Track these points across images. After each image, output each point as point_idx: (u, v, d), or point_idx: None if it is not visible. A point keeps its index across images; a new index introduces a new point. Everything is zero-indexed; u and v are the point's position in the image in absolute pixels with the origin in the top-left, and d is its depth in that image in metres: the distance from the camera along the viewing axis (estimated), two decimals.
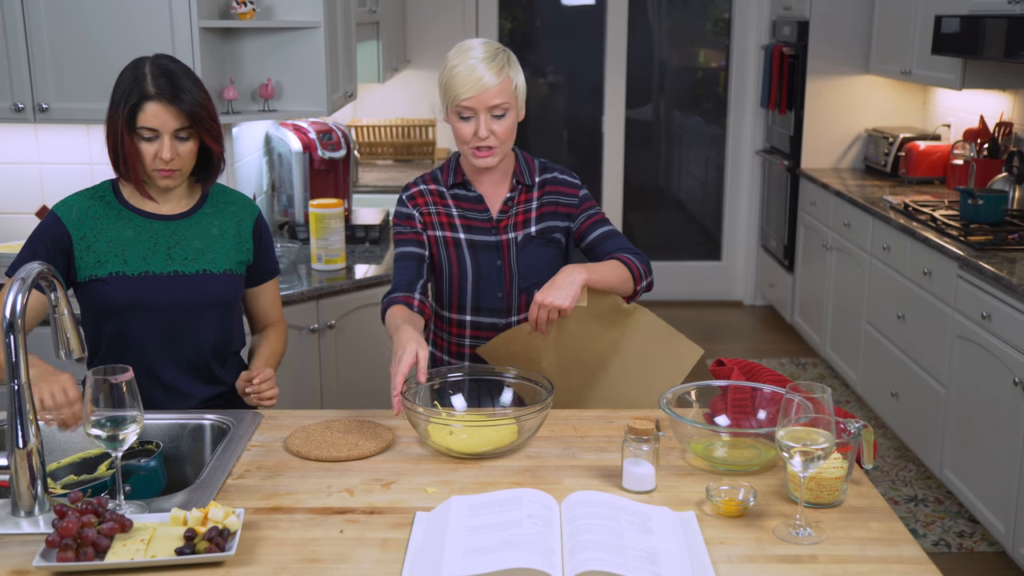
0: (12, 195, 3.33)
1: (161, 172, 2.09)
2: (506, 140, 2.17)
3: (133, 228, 2.15)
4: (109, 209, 2.16)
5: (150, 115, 2.04)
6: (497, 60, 2.13)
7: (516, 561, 1.43)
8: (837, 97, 5.55)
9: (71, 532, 1.47)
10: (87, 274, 2.12)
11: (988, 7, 3.92)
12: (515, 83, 2.17)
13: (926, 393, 3.89)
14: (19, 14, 2.97)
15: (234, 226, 2.24)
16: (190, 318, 2.17)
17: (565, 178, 2.31)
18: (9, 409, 1.62)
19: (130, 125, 2.05)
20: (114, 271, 2.12)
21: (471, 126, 2.14)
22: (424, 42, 6.10)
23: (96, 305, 2.15)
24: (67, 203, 2.16)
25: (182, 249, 2.17)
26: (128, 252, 2.14)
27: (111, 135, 2.08)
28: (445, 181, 2.28)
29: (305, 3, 3.29)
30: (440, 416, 1.92)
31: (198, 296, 2.17)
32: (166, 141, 2.06)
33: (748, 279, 6.50)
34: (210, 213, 2.23)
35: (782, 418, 1.58)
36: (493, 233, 2.26)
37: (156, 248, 2.15)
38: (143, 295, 2.13)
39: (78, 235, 2.12)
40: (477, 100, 2.12)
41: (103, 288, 2.12)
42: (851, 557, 1.54)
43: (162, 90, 2.04)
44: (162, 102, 2.04)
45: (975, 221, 3.93)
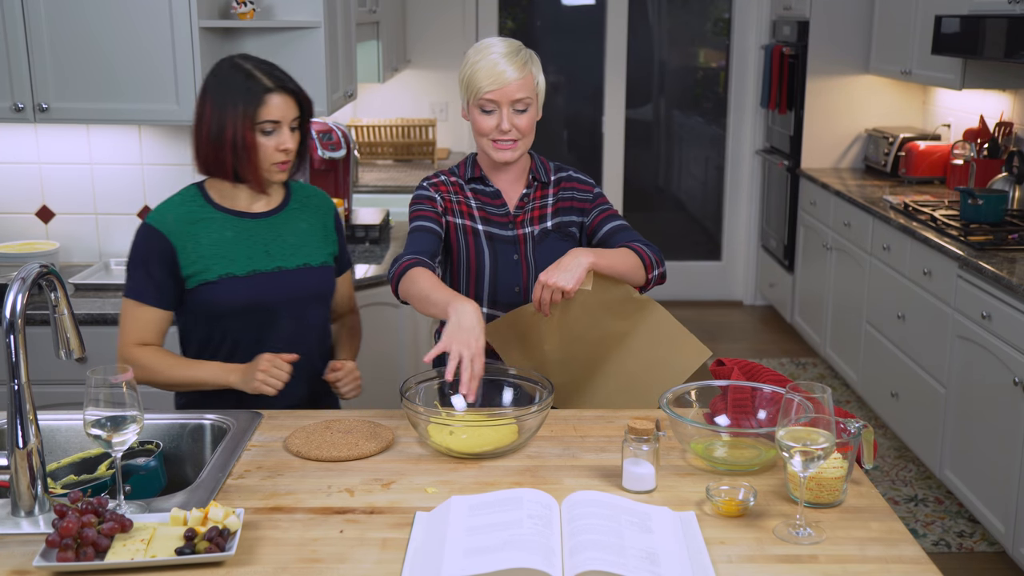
0: (12, 195, 3.33)
1: (279, 166, 2.12)
2: (527, 134, 2.19)
3: (232, 229, 2.16)
4: (204, 212, 2.16)
5: (273, 107, 2.07)
6: (520, 56, 2.16)
7: (516, 561, 1.43)
8: (837, 97, 5.55)
9: (71, 532, 1.47)
10: (196, 280, 2.13)
11: (988, 7, 3.92)
12: (537, 80, 2.19)
13: (926, 393, 3.89)
14: (19, 14, 2.97)
15: (319, 220, 2.28)
16: (298, 313, 2.20)
17: (580, 176, 2.33)
18: (9, 409, 1.62)
19: (252, 120, 2.05)
20: (223, 273, 2.13)
21: (493, 119, 2.16)
22: (424, 42, 6.10)
23: (209, 310, 2.15)
24: (160, 213, 2.15)
25: (279, 245, 2.19)
26: (233, 253, 2.15)
27: (225, 136, 2.07)
28: (463, 175, 2.29)
29: (305, 3, 3.29)
30: (440, 416, 1.92)
31: (303, 290, 2.20)
32: (286, 131, 2.09)
33: (748, 279, 6.50)
34: (296, 208, 2.26)
35: (782, 418, 1.58)
36: (510, 227, 2.26)
37: (256, 246, 2.17)
38: (254, 294, 2.15)
39: (180, 243, 2.12)
40: (500, 93, 2.13)
41: (215, 291, 2.13)
42: (851, 557, 1.54)
43: (277, 82, 2.08)
44: (280, 93, 2.07)
45: (975, 221, 3.93)
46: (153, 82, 3.03)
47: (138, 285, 2.12)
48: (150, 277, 2.11)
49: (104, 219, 3.35)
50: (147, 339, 2.15)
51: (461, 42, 6.13)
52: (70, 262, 3.35)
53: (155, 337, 2.16)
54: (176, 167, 3.32)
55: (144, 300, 2.12)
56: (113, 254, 3.37)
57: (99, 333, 2.81)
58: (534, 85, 2.18)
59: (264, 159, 2.10)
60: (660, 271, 2.22)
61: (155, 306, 2.13)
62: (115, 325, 2.84)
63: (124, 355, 2.14)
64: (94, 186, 3.32)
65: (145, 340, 2.14)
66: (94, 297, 3.01)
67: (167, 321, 2.16)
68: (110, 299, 2.99)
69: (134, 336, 2.14)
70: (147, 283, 2.12)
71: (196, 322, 2.18)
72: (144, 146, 3.31)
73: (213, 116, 2.08)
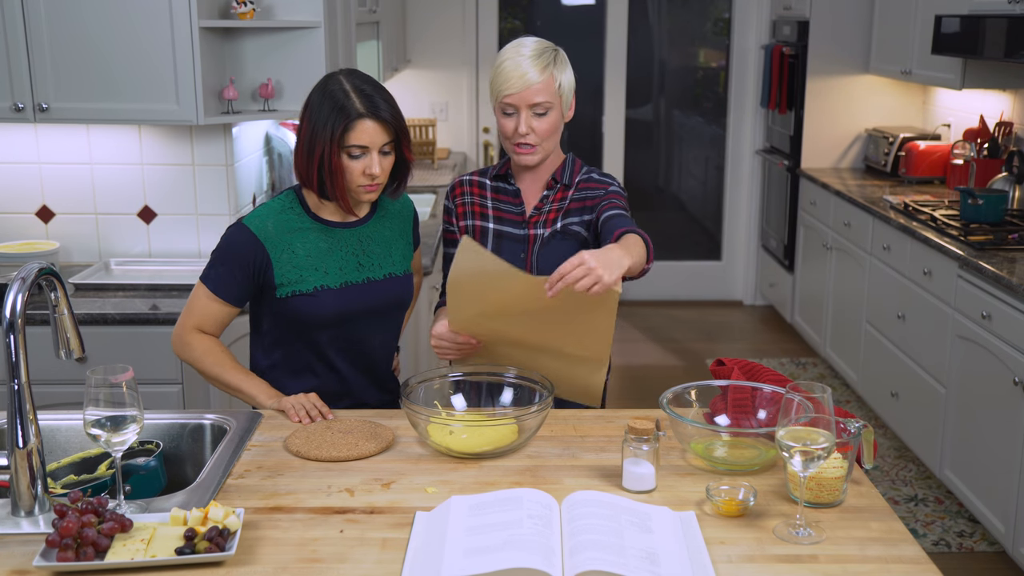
0: (12, 195, 3.32)
1: (366, 188, 2.11)
2: (547, 138, 2.17)
3: (325, 239, 2.17)
4: (302, 222, 2.17)
5: (361, 132, 2.06)
6: (542, 58, 2.13)
7: (516, 561, 1.43)
8: (837, 97, 5.55)
9: (71, 532, 1.47)
10: (289, 290, 2.13)
11: (988, 7, 3.92)
12: (559, 82, 2.16)
13: (926, 393, 3.89)
14: (19, 14, 2.97)
15: (400, 226, 2.30)
16: (381, 322, 2.22)
17: (597, 176, 2.27)
18: (9, 409, 1.62)
19: (340, 143, 2.06)
20: (318, 284, 2.14)
21: (513, 122, 2.15)
22: (424, 42, 6.10)
23: (300, 319, 2.15)
24: (260, 218, 2.15)
25: (368, 256, 2.21)
26: (327, 264, 2.16)
27: (315, 154, 2.07)
28: (489, 174, 2.30)
29: (305, 3, 3.30)
30: (440, 416, 1.92)
31: (390, 300, 2.23)
32: (375, 157, 2.08)
33: (748, 279, 6.50)
34: (382, 216, 2.27)
35: (782, 418, 1.58)
36: (522, 227, 2.25)
37: (347, 257, 2.18)
38: (346, 305, 2.16)
39: (276, 252, 2.13)
40: (519, 97, 2.12)
41: (309, 302, 2.13)
42: (851, 557, 1.54)
43: (370, 108, 2.06)
44: (371, 119, 2.06)
45: (975, 221, 3.93)
46: (153, 82, 3.03)
47: (218, 276, 2.14)
48: (232, 274, 2.13)
49: (104, 219, 3.35)
50: (208, 328, 2.18)
51: (461, 42, 6.13)
52: (70, 262, 3.35)
53: (216, 328, 2.19)
54: (176, 167, 3.32)
55: (218, 292, 2.14)
56: (113, 254, 3.37)
57: (99, 333, 2.82)
58: (555, 89, 2.15)
59: (350, 180, 2.10)
60: (650, 265, 2.13)
61: (226, 301, 2.15)
62: (115, 325, 2.84)
63: (182, 335, 2.18)
64: (94, 186, 3.32)
65: (205, 328, 2.18)
66: (94, 297, 3.01)
67: (231, 317, 2.19)
68: (110, 299, 2.99)
69: (197, 321, 2.17)
70: (228, 279, 2.13)
71: (281, 327, 2.19)
72: (144, 146, 3.31)
73: (308, 132, 2.09)
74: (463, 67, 6.16)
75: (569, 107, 2.21)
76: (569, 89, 2.19)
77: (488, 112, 6.26)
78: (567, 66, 2.19)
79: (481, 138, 6.30)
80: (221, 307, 2.16)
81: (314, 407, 2.06)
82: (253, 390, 2.14)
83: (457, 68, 6.16)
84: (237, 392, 2.16)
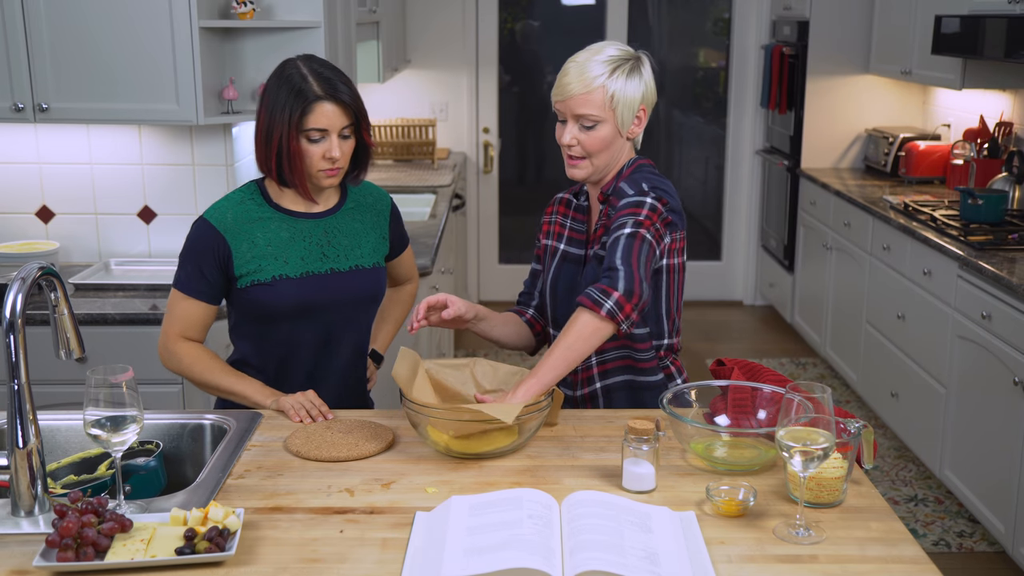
0: (12, 195, 3.33)
1: (327, 172, 2.10)
2: (595, 153, 2.04)
3: (288, 229, 2.15)
4: (262, 211, 2.15)
5: (320, 115, 2.05)
6: (598, 67, 2.00)
7: (516, 561, 1.43)
8: (837, 97, 5.55)
9: (71, 532, 1.47)
10: (249, 280, 2.12)
11: (988, 7, 3.92)
12: (612, 94, 2.01)
13: (926, 393, 3.89)
14: (19, 14, 2.97)
15: (373, 219, 2.27)
16: (348, 316, 2.20)
17: (623, 187, 2.07)
18: (9, 409, 1.62)
19: (298, 127, 2.05)
20: (277, 274, 2.12)
21: (562, 129, 2.06)
22: (424, 42, 6.10)
23: (260, 310, 2.14)
24: (219, 209, 2.14)
25: (333, 247, 2.18)
26: (287, 254, 2.14)
27: (273, 140, 2.06)
28: (577, 190, 2.23)
29: (305, 3, 3.29)
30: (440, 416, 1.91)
31: (355, 292, 2.19)
32: (334, 140, 2.07)
33: (748, 279, 6.50)
34: (352, 208, 2.24)
35: (782, 418, 1.58)
36: (583, 246, 2.17)
37: (311, 247, 2.16)
38: (307, 296, 2.13)
39: (236, 242, 2.11)
40: (564, 105, 2.03)
41: (267, 292, 2.12)
42: (851, 557, 1.54)
43: (328, 90, 2.05)
44: (330, 101, 2.05)
45: (975, 221, 3.93)
46: (153, 82, 3.03)
47: (188, 278, 2.12)
48: (200, 272, 2.11)
49: (104, 219, 3.35)
50: (191, 333, 2.15)
51: (461, 42, 6.13)
52: (70, 262, 3.35)
53: (199, 331, 2.16)
54: (176, 167, 3.32)
55: (192, 294, 2.12)
56: (113, 254, 3.37)
57: (99, 333, 2.82)
58: (605, 102, 2.00)
59: (310, 165, 2.09)
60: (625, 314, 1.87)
61: (202, 300, 2.13)
62: (115, 325, 2.84)
63: (167, 345, 2.15)
64: (94, 186, 3.32)
65: (189, 333, 2.15)
66: (94, 297, 3.01)
67: (212, 316, 2.16)
68: (110, 299, 2.99)
69: (179, 328, 2.14)
70: (198, 278, 2.12)
71: (247, 321, 2.18)
72: (144, 146, 3.31)
73: (265, 117, 2.08)
74: (463, 67, 6.16)
75: (632, 122, 2.06)
76: (628, 104, 2.03)
77: (488, 112, 6.26)
78: (634, 78, 2.03)
79: (481, 138, 6.30)
80: (198, 308, 2.13)
81: (314, 407, 2.05)
82: (247, 390, 2.12)
83: (457, 68, 6.16)
84: (231, 395, 2.14)
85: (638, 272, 1.90)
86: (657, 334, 2.13)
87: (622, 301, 1.86)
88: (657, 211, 2.00)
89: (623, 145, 2.10)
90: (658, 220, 2.00)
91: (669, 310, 2.13)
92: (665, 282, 2.09)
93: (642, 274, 1.90)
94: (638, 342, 2.11)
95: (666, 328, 2.14)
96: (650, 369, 2.14)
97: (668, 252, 2.07)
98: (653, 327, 2.12)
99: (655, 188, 2.04)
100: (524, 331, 2.28)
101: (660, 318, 2.13)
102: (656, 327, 2.13)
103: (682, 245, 2.11)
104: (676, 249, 2.09)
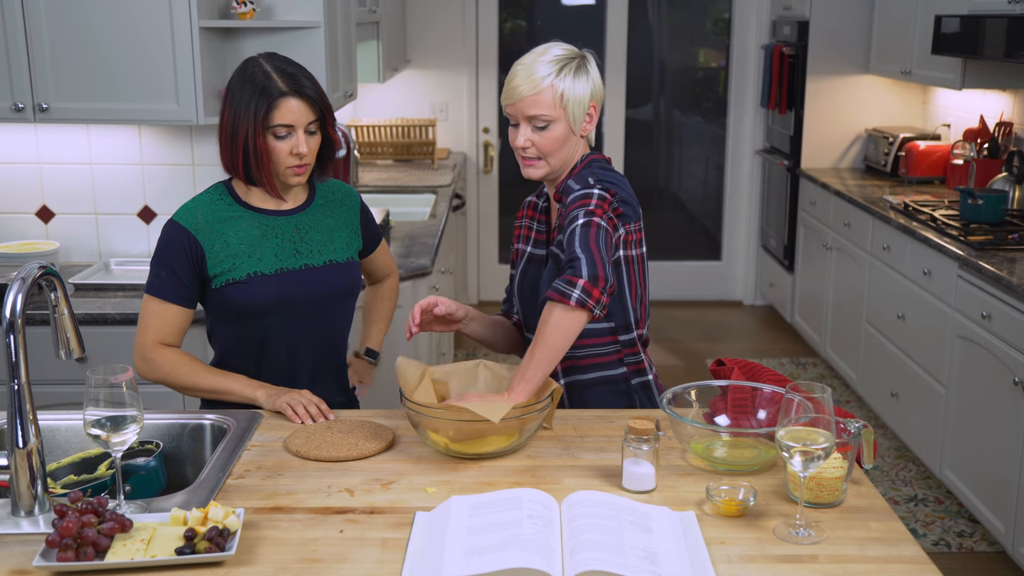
0: (12, 195, 3.33)
1: (295, 169, 2.10)
2: (550, 153, 2.05)
3: (259, 226, 2.14)
4: (232, 211, 2.14)
5: (285, 111, 2.05)
6: (545, 68, 2.02)
7: (516, 561, 1.43)
8: (837, 97, 5.55)
9: (71, 532, 1.47)
10: (223, 279, 2.10)
11: (988, 7, 3.92)
12: (562, 93, 2.02)
13: (926, 393, 3.89)
14: (19, 14, 2.97)
15: (344, 215, 2.26)
16: (325, 311, 2.19)
17: (570, 183, 2.06)
18: (9, 409, 1.62)
19: (264, 124, 2.04)
20: (251, 271, 2.11)
21: (515, 132, 2.07)
22: (424, 42, 6.10)
23: (236, 309, 2.12)
24: (188, 211, 2.13)
25: (306, 243, 2.18)
26: (260, 251, 2.13)
27: (239, 138, 2.06)
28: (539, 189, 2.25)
29: (305, 3, 3.29)
30: (440, 416, 1.91)
31: (331, 287, 2.19)
32: (301, 136, 2.07)
33: (748, 279, 6.50)
34: (322, 204, 2.24)
35: (782, 418, 1.58)
36: (544, 246, 2.19)
37: (284, 244, 2.15)
38: (283, 292, 2.13)
39: (208, 242, 2.10)
40: (515, 108, 2.04)
41: (243, 290, 2.10)
42: (851, 557, 1.54)
43: (292, 86, 2.05)
44: (295, 97, 2.05)
45: (975, 221, 3.93)
46: (153, 82, 3.03)
47: (162, 283, 2.10)
48: (175, 275, 2.09)
49: (104, 219, 3.35)
50: (168, 338, 2.12)
51: (461, 42, 6.13)
52: (70, 262, 3.35)
53: (176, 336, 2.13)
54: (176, 167, 3.32)
55: (167, 298, 2.10)
56: (113, 254, 3.37)
57: (99, 333, 2.82)
58: (555, 101, 2.01)
59: (277, 163, 2.08)
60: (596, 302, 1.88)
61: (179, 304, 2.11)
62: (115, 325, 2.84)
63: (144, 354, 2.11)
64: (94, 186, 3.32)
65: (166, 339, 2.12)
66: (94, 297, 3.01)
67: (188, 320, 2.14)
68: (110, 299, 2.99)
69: (155, 335, 2.11)
70: (172, 281, 2.09)
71: (223, 321, 2.17)
72: (144, 146, 3.31)
73: (230, 116, 2.07)
74: (463, 67, 6.16)
75: (583, 120, 2.06)
76: (579, 102, 2.04)
77: (488, 112, 6.26)
78: (582, 76, 2.04)
79: (481, 138, 6.30)
80: (175, 312, 2.11)
81: (315, 406, 2.04)
82: (234, 386, 2.10)
83: (457, 68, 6.16)
84: (217, 394, 2.12)
85: (599, 256, 1.90)
86: (624, 327, 2.14)
87: (588, 287, 1.86)
88: (606, 200, 2.00)
89: (577, 143, 2.10)
90: (609, 209, 2.00)
91: (632, 303, 2.13)
92: (626, 274, 2.10)
93: (604, 257, 1.90)
94: (598, 336, 2.12)
95: (631, 320, 2.14)
96: (612, 363, 2.15)
97: (624, 244, 2.07)
98: (618, 320, 2.13)
99: (601, 180, 2.04)
100: (513, 334, 2.30)
101: (625, 311, 2.13)
102: (620, 320, 2.13)
103: (639, 237, 2.11)
104: (633, 241, 2.09)
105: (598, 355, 2.14)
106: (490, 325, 2.25)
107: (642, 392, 2.18)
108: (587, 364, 2.14)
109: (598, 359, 2.14)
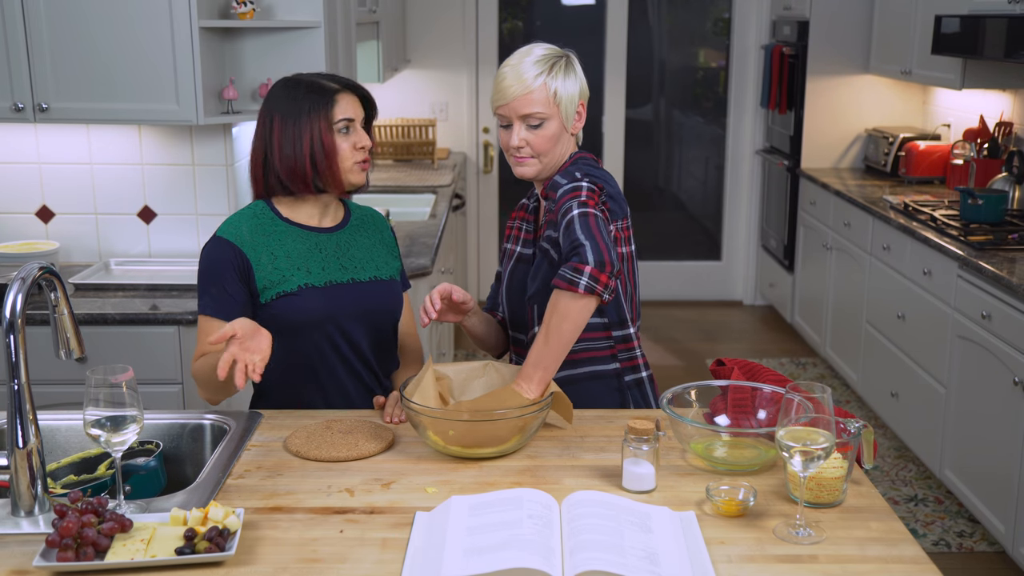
0: (12, 195, 3.33)
1: (361, 164, 2.12)
2: (544, 151, 2.07)
3: (304, 241, 2.14)
4: (276, 225, 2.13)
5: (346, 105, 2.08)
6: (535, 67, 2.04)
7: (516, 561, 1.43)
8: (837, 97, 5.55)
9: (71, 532, 1.47)
10: (273, 292, 2.08)
11: (988, 7, 3.92)
12: (554, 91, 2.04)
13: (926, 393, 3.89)
14: (19, 14, 2.97)
15: (378, 236, 2.27)
16: (372, 325, 2.17)
17: (557, 179, 2.05)
18: (9, 409, 1.62)
19: (328, 120, 2.06)
20: (302, 283, 2.10)
21: (507, 133, 2.08)
22: (424, 42, 6.10)
23: (285, 323, 2.08)
24: (232, 225, 2.11)
25: (350, 259, 2.17)
26: (309, 264, 2.12)
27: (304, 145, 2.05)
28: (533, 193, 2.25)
29: (305, 3, 3.30)
30: (440, 416, 1.91)
31: (376, 302, 2.18)
32: (360, 129, 2.10)
33: (748, 279, 6.50)
34: (357, 225, 2.24)
35: (782, 418, 1.58)
36: (532, 245, 2.20)
37: (329, 259, 2.15)
38: (333, 304, 2.11)
39: (255, 255, 2.08)
40: (508, 108, 2.05)
41: (294, 302, 2.08)
42: (851, 557, 1.54)
43: (344, 83, 2.11)
44: (350, 92, 2.10)
45: (975, 221, 3.93)
46: (153, 82, 3.03)
47: (214, 300, 2.05)
48: (225, 291, 2.05)
49: (104, 219, 3.35)
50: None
51: (461, 42, 6.13)
52: (70, 262, 3.35)
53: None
54: (176, 167, 3.32)
55: (219, 315, 2.04)
56: (113, 254, 3.37)
57: (99, 333, 2.82)
58: (548, 98, 2.04)
59: (344, 159, 2.09)
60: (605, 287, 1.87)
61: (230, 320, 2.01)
62: (115, 325, 2.84)
63: (192, 368, 2.09)
64: (94, 186, 3.32)
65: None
66: (94, 297, 3.01)
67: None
68: (110, 299, 2.99)
69: (204, 350, 2.06)
70: (223, 297, 2.05)
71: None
72: (144, 146, 3.31)
73: (285, 131, 2.06)
74: (463, 67, 6.16)
75: (574, 118, 2.10)
76: (570, 99, 2.07)
77: (488, 112, 6.26)
78: (571, 74, 2.08)
79: (481, 138, 6.30)
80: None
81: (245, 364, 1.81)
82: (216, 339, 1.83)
83: (457, 68, 6.16)
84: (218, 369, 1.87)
85: (603, 241, 1.89)
86: (618, 323, 2.14)
87: (596, 273, 1.86)
88: (596, 192, 2.00)
89: (568, 141, 2.13)
90: (599, 200, 2.01)
91: (624, 299, 2.14)
92: None
93: (607, 242, 1.90)
94: (592, 331, 2.13)
95: (625, 316, 2.15)
96: (604, 358, 2.16)
97: (614, 241, 2.07)
98: (612, 316, 2.13)
99: (588, 175, 2.04)
100: (501, 333, 2.31)
101: (619, 307, 2.13)
102: (614, 316, 2.14)
103: (628, 235, 2.12)
104: (622, 238, 2.10)
105: (591, 350, 2.15)
106: (486, 321, 2.27)
107: (636, 389, 2.18)
108: (579, 359, 2.15)
109: (590, 353, 2.15)
